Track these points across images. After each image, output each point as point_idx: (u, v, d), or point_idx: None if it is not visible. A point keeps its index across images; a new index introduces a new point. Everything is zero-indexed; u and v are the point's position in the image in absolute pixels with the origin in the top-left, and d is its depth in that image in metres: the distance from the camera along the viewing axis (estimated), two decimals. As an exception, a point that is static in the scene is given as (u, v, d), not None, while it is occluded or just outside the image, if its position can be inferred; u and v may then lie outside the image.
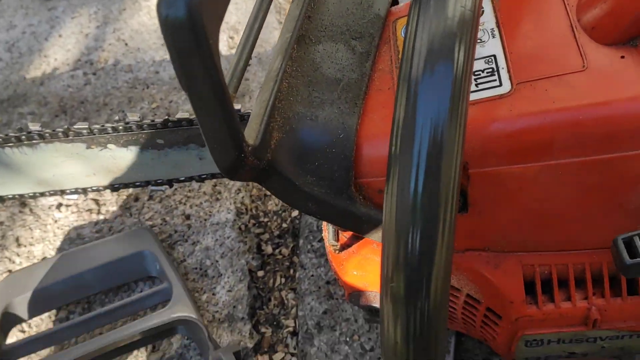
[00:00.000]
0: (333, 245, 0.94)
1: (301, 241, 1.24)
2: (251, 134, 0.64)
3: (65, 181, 1.23)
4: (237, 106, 1.07)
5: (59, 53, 1.73)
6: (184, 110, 1.49)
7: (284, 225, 1.31)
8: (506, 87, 0.68)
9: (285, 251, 1.27)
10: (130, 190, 1.39)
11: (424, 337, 0.57)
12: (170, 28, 0.48)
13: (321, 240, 1.23)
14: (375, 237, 0.75)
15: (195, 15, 0.47)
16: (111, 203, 1.38)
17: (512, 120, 0.66)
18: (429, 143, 0.49)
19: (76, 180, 1.23)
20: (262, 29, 0.67)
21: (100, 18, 1.79)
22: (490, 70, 0.69)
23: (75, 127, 1.08)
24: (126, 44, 1.70)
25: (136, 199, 1.38)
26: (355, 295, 0.94)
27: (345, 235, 0.94)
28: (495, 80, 0.68)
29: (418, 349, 0.56)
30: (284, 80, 0.70)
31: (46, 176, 1.20)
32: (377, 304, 0.92)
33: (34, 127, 1.11)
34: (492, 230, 0.74)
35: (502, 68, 0.69)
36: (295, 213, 1.31)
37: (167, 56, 1.65)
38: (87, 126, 1.08)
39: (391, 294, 0.55)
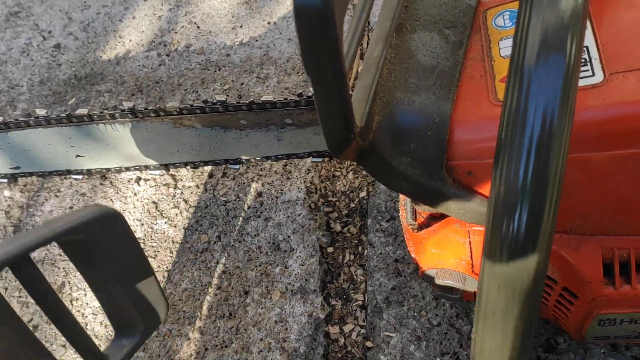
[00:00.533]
0: (411, 225, 0.99)
1: (369, 221, 1.30)
2: (357, 116, 0.69)
3: (149, 157, 1.31)
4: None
5: (133, 34, 1.82)
6: (255, 92, 1.56)
7: (352, 205, 1.36)
8: (599, 77, 0.71)
9: (353, 230, 1.32)
10: (206, 167, 1.46)
11: (521, 311, 0.61)
12: (305, 16, 0.53)
13: (389, 220, 1.28)
14: (461, 217, 0.80)
15: (328, 6, 0.52)
16: (187, 179, 1.46)
17: (604, 109, 0.70)
18: (540, 129, 0.53)
19: (159, 156, 1.31)
20: (369, 16, 0.72)
21: (172, 1, 1.87)
22: (584, 60, 0.72)
23: (167, 105, 1.15)
24: (198, 27, 1.77)
25: (211, 176, 1.45)
26: (430, 272, 0.99)
27: (422, 215, 0.99)
28: (588, 70, 0.72)
29: (517, 324, 0.61)
30: (385, 67, 0.75)
31: (133, 152, 1.29)
32: (451, 281, 0.96)
33: (128, 104, 1.19)
34: (576, 213, 0.78)
35: (595, 59, 0.72)
36: (362, 194, 1.36)
37: (238, 40, 1.72)
38: (177, 105, 1.15)
39: (494, 269, 0.60)
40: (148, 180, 1.48)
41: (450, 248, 0.91)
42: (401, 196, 1.04)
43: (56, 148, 1.28)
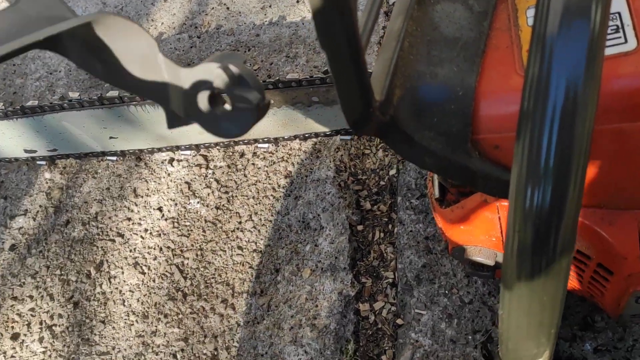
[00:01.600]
0: (439, 201, 0.97)
1: (399, 199, 1.28)
2: (377, 90, 0.68)
3: (180, 138, 1.33)
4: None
5: (165, 17, 1.83)
6: (284, 71, 1.55)
7: (382, 182, 1.35)
8: (631, 44, 0.67)
9: (383, 207, 1.31)
10: (237, 146, 1.47)
11: (547, 287, 0.60)
12: None
13: (419, 197, 1.27)
14: (488, 191, 0.78)
15: None
16: (218, 159, 1.48)
17: (637, 77, 0.66)
18: (565, 99, 0.51)
19: (190, 137, 1.32)
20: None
21: (202, -18, 1.87)
22: (615, 27, 0.69)
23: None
24: (228, 8, 1.77)
25: (241, 155, 1.46)
26: (459, 249, 0.97)
27: (451, 191, 0.97)
28: (620, 37, 0.68)
29: (543, 299, 0.59)
30: (406, 39, 0.73)
31: (164, 133, 1.31)
32: (481, 258, 0.95)
33: (157, 86, 1.20)
34: (609, 187, 0.75)
35: (627, 25, 0.69)
36: (392, 171, 1.35)
37: (267, 19, 1.71)
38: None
39: (518, 243, 0.58)
40: (181, 161, 1.50)
41: (479, 224, 0.90)
42: (429, 172, 1.03)
43: (91, 130, 1.31)
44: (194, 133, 1.30)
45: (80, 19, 0.44)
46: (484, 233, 0.91)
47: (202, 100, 0.48)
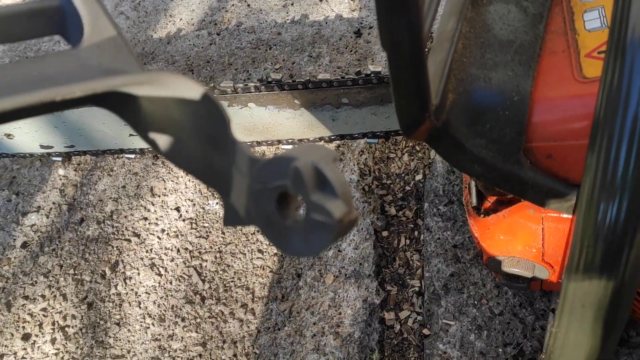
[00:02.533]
0: (476, 209, 0.94)
1: (426, 205, 1.25)
2: (431, 93, 0.65)
3: (202, 137, 1.29)
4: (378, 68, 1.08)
5: (184, 13, 1.80)
6: (307, 71, 1.52)
7: (407, 188, 1.32)
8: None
9: (409, 213, 1.28)
10: (257, 148, 1.44)
11: (613, 306, 0.56)
12: None
13: (447, 204, 1.23)
14: (538, 202, 0.75)
15: None
16: (238, 159, 1.44)
17: None
18: (648, 108, 0.48)
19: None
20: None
21: (222, -21, 1.84)
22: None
23: (220, 85, 1.13)
24: (249, 5, 1.74)
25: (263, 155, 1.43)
26: (495, 260, 0.94)
27: (489, 200, 0.94)
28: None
29: (608, 318, 0.56)
30: (459, 41, 0.70)
31: (186, 131, 1.27)
32: (519, 270, 0.92)
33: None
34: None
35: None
36: (419, 176, 1.31)
37: (289, 18, 1.68)
38: (231, 85, 1.13)
39: (585, 259, 0.55)
40: (199, 160, 1.47)
41: (520, 235, 0.87)
42: (465, 179, 0.99)
43: (110, 127, 1.27)
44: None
45: (139, 77, 0.35)
46: (524, 244, 0.88)
47: (270, 201, 0.36)
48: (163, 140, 0.40)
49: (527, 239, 0.86)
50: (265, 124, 1.21)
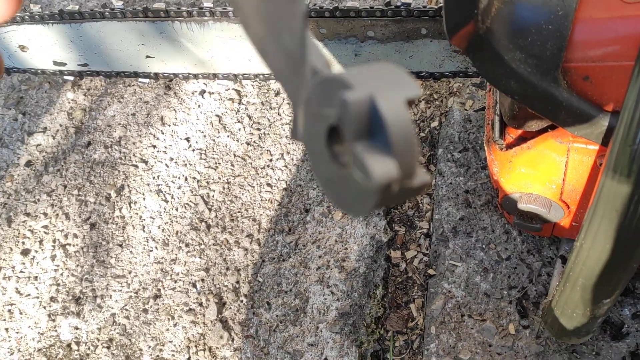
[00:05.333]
0: (499, 144, 0.94)
1: (440, 150, 1.25)
2: (478, -4, 0.64)
3: (220, 64, 1.27)
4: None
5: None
6: None
7: (422, 134, 1.31)
8: None
9: (421, 159, 1.28)
10: (272, 84, 1.42)
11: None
12: None
13: (462, 151, 1.23)
14: (568, 126, 0.74)
15: None
16: (252, 95, 1.43)
17: None
18: None
19: (231, 64, 1.27)
20: None
21: None
22: None
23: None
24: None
25: (277, 94, 1.42)
26: (511, 198, 0.94)
27: (511, 135, 0.94)
28: None
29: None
30: (509, -50, 0.68)
31: (205, 57, 1.25)
32: (535, 206, 0.92)
33: (207, 3, 1.15)
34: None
35: None
36: (434, 124, 1.31)
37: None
38: (257, 6, 1.11)
39: (620, 175, 0.55)
40: (212, 93, 1.45)
41: (542, 167, 0.86)
42: (487, 114, 0.99)
43: (127, 46, 1.25)
44: (237, 60, 1.25)
45: None
46: (544, 179, 0.88)
47: (320, 130, 0.26)
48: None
49: (548, 172, 0.86)
50: (286, 54, 1.20)
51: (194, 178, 1.34)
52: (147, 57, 1.28)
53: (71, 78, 1.46)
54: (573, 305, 0.77)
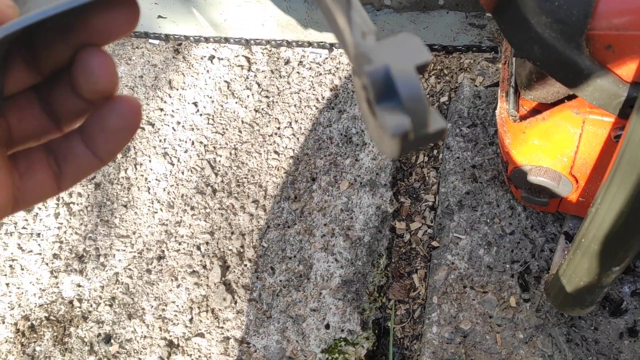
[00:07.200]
0: (512, 116, 0.94)
1: (449, 125, 1.25)
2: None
3: (232, 29, 1.27)
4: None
5: None
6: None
7: (431, 109, 1.31)
8: None
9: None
10: (282, 52, 1.42)
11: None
12: None
13: (470, 126, 1.24)
14: (587, 95, 0.75)
15: None
16: (261, 62, 1.43)
17: None
18: None
19: (244, 29, 1.26)
20: None
21: None
22: None
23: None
24: None
25: (287, 62, 1.41)
26: (523, 170, 0.95)
27: (525, 108, 0.94)
28: None
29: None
30: None
31: (218, 20, 1.25)
32: (545, 179, 0.92)
33: (223, -37, 1.14)
34: None
35: None
36: (444, 98, 1.31)
37: None
38: (275, -31, 1.10)
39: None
40: (222, 59, 1.45)
41: (555, 139, 0.87)
42: (500, 88, 0.99)
43: (140, 3, 1.24)
44: (250, 25, 1.24)
45: None
46: (556, 151, 0.89)
47: (360, 91, 0.32)
48: None
49: (561, 144, 0.87)
50: (301, 21, 1.20)
51: (201, 142, 1.34)
52: (159, 17, 1.28)
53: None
54: (581, 273, 0.78)
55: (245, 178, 1.27)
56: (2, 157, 0.29)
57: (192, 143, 1.34)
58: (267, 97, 1.38)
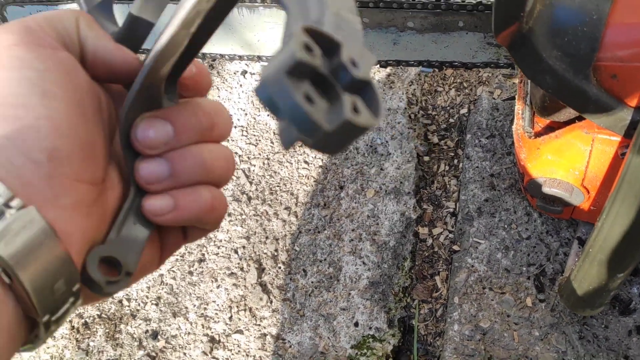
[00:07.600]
0: (527, 132, 1.02)
1: (468, 136, 1.33)
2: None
3: (265, 47, 1.36)
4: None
5: None
6: None
7: (451, 120, 1.40)
8: None
9: (450, 143, 1.37)
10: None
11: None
12: None
13: (489, 137, 1.32)
14: (595, 118, 0.83)
15: None
16: (291, 77, 1.52)
17: None
18: None
19: (275, 47, 1.36)
20: None
21: None
22: None
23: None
24: None
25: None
26: (537, 182, 1.03)
27: (540, 125, 1.02)
28: None
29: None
30: (552, -41, 0.77)
31: (251, 40, 1.34)
32: (558, 190, 1.01)
33: (259, -10, 1.23)
34: None
35: None
36: (463, 110, 1.39)
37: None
38: (307, -5, 1.19)
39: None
40: (254, 74, 1.54)
41: (567, 155, 0.95)
42: (517, 104, 1.07)
43: (181, 27, 1.34)
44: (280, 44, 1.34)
45: None
46: (568, 166, 0.97)
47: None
48: None
49: (573, 159, 0.95)
50: (329, 41, 1.28)
51: (236, 153, 1.44)
52: (197, 38, 1.37)
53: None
54: (590, 278, 0.87)
55: (277, 186, 1.37)
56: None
57: (228, 153, 1.44)
58: (296, 109, 1.47)
